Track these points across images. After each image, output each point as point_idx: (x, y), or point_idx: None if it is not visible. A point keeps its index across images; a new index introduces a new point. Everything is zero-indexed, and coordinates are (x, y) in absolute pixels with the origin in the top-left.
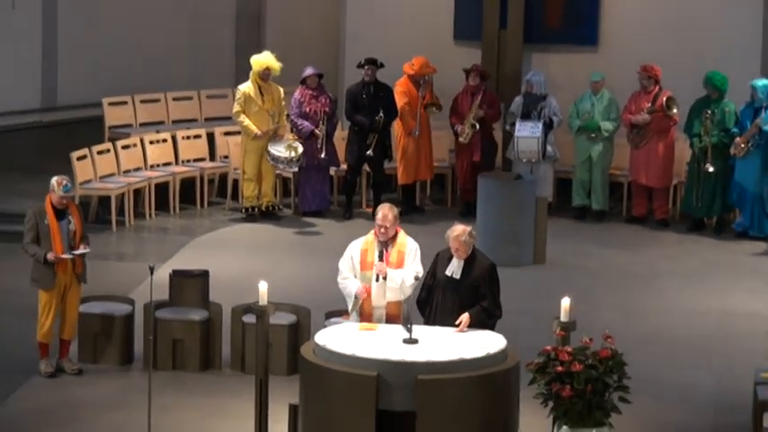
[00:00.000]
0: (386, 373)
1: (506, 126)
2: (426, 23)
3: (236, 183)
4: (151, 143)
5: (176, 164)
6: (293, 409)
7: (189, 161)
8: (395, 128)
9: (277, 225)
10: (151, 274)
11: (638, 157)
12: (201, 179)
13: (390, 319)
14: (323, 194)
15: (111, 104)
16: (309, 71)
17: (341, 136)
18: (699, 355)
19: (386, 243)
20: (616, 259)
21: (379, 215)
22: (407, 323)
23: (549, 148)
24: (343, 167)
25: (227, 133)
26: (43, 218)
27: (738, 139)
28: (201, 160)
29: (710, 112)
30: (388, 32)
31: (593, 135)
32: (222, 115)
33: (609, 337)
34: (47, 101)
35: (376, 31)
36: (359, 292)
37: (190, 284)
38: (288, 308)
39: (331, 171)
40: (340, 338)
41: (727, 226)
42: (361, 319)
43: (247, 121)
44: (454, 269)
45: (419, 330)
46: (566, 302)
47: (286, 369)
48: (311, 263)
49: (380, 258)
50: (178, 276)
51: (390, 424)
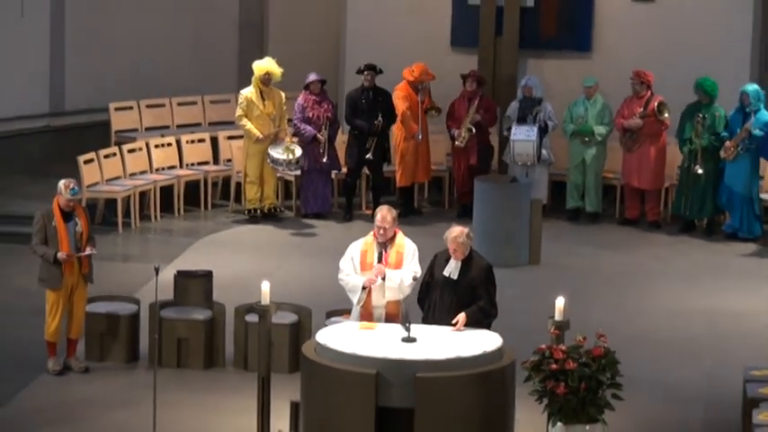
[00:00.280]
0: (385, 371)
1: (504, 131)
2: (424, 31)
3: (238, 185)
4: (156, 147)
5: (181, 167)
6: (294, 406)
7: (193, 164)
8: (394, 131)
9: (279, 227)
10: (156, 274)
11: (630, 161)
12: (205, 182)
13: (389, 319)
14: (324, 197)
15: (117, 109)
16: (313, 77)
17: (341, 140)
18: (689, 354)
19: (385, 244)
20: (609, 260)
21: (378, 217)
22: (406, 322)
23: (544, 151)
24: (344, 170)
25: (230, 137)
26: (51, 220)
27: (728, 143)
28: (205, 163)
29: (702, 116)
30: (387, 39)
31: (586, 139)
32: (225, 120)
33: (602, 336)
34: (55, 106)
35: (375, 37)
36: (366, 282)
37: (194, 285)
38: (289, 307)
39: (332, 174)
40: (340, 337)
41: (718, 228)
42: (361, 319)
43: (249, 125)
44: (452, 270)
45: (417, 329)
46: (560, 302)
47: (288, 367)
48: (312, 263)
49: (379, 260)
50: (182, 277)
51: (389, 420)
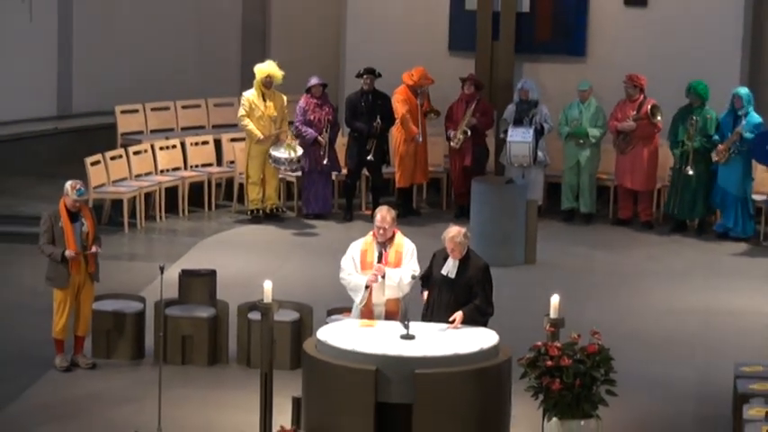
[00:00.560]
0: (384, 368)
1: (500, 134)
2: (423, 35)
3: (241, 186)
4: (161, 149)
5: (185, 169)
6: (296, 402)
7: (197, 166)
8: (393, 134)
9: (281, 227)
10: (161, 273)
11: (623, 163)
12: (209, 183)
13: (389, 316)
14: (325, 198)
15: (123, 112)
16: (314, 81)
17: (341, 142)
18: (681, 351)
19: (384, 243)
20: (603, 259)
21: (378, 217)
22: (405, 320)
23: (540, 153)
24: (344, 172)
25: (233, 139)
26: (57, 220)
27: (720, 146)
28: (209, 165)
29: (694, 119)
30: (386, 44)
31: (581, 141)
32: (229, 122)
33: (596, 333)
34: (62, 109)
35: (375, 42)
36: (369, 280)
37: (198, 283)
38: (291, 305)
39: (332, 175)
40: (341, 334)
41: (709, 228)
42: (362, 316)
43: (251, 125)
44: (449, 269)
45: (416, 327)
46: (555, 300)
47: (289, 364)
48: (313, 262)
49: (379, 259)
50: (187, 275)
51: (389, 416)
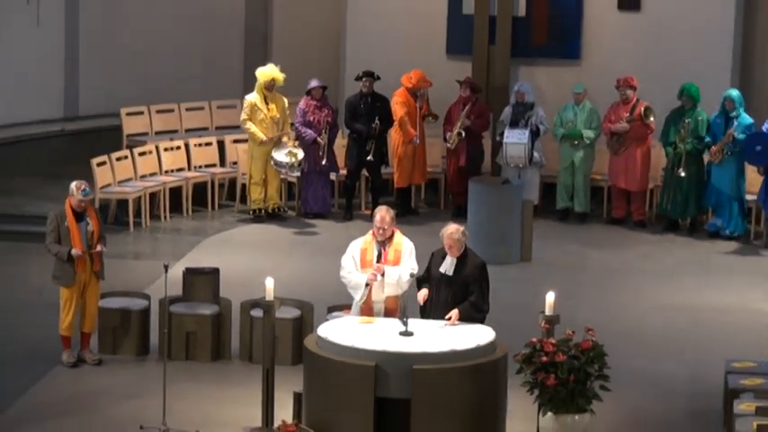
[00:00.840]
0: (383, 364)
1: (497, 136)
2: (421, 39)
3: (244, 187)
4: (166, 150)
5: (189, 169)
6: (297, 397)
7: (201, 167)
8: (391, 135)
9: (282, 226)
10: (166, 271)
11: (617, 163)
12: (212, 183)
13: (388, 313)
14: (324, 198)
15: (128, 114)
16: (314, 83)
17: (341, 143)
18: (674, 347)
19: (383, 242)
20: (597, 258)
21: (377, 217)
22: (404, 317)
23: (536, 154)
24: (343, 172)
25: (236, 141)
26: (63, 220)
27: (714, 148)
28: (212, 166)
29: (686, 121)
30: (385, 48)
31: (575, 142)
32: (232, 124)
33: (590, 330)
34: (69, 111)
35: (374, 46)
36: (369, 279)
37: (201, 281)
38: (292, 303)
39: (332, 176)
40: (341, 331)
41: (700, 227)
42: (361, 314)
43: (254, 128)
44: (447, 267)
45: (414, 324)
46: (550, 298)
47: (291, 360)
48: (314, 261)
49: (378, 258)
50: (191, 274)
51: (388, 410)
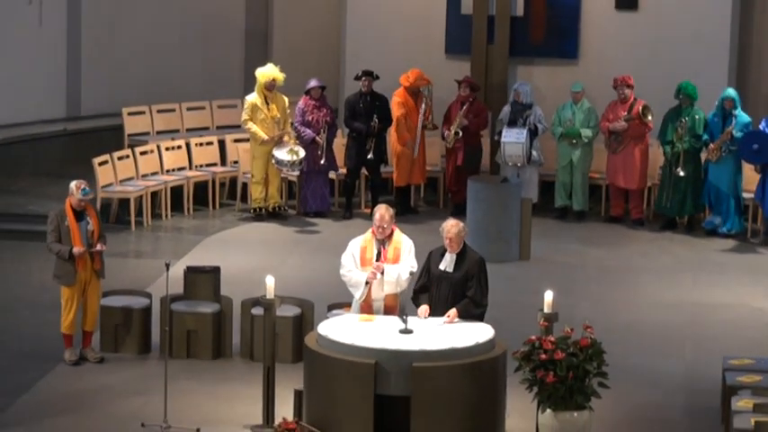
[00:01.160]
0: (383, 361)
1: (495, 135)
2: (420, 39)
3: (244, 186)
4: (167, 149)
5: (190, 168)
6: (298, 394)
7: (202, 166)
8: (391, 134)
9: (283, 224)
10: (167, 270)
11: (615, 162)
12: (213, 182)
13: (388, 311)
14: (323, 196)
15: (130, 114)
16: (313, 83)
17: (341, 142)
18: (671, 344)
19: (383, 241)
20: (595, 256)
21: (377, 216)
22: (403, 315)
23: (534, 153)
24: (343, 171)
25: (236, 140)
26: (64, 220)
27: (712, 146)
28: (213, 165)
29: (683, 120)
30: (384, 48)
31: (573, 141)
32: (232, 124)
33: (588, 328)
34: (71, 111)
35: (374, 46)
36: (369, 277)
37: (202, 279)
38: (293, 301)
39: (332, 175)
40: (341, 329)
41: (698, 225)
42: (361, 311)
43: (255, 128)
44: (447, 263)
45: (414, 321)
46: (549, 296)
47: (291, 357)
48: (314, 259)
49: (378, 256)
50: (192, 272)
51: (387, 407)
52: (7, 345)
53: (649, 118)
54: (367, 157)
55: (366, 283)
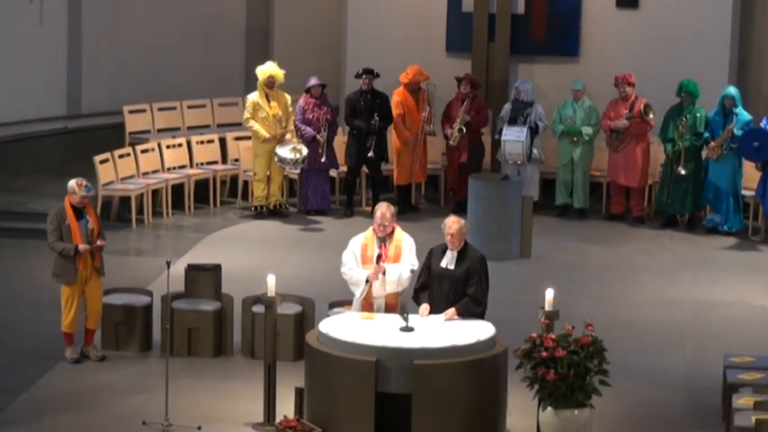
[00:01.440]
0: (384, 359)
1: (495, 134)
2: (420, 37)
3: (245, 184)
4: (168, 147)
5: (191, 166)
6: (299, 392)
7: (202, 164)
8: (391, 132)
9: (284, 222)
10: (168, 268)
11: (617, 160)
12: (214, 180)
13: (389, 309)
14: (324, 194)
15: (131, 112)
16: (313, 81)
17: (341, 140)
18: (672, 342)
19: (384, 238)
20: (596, 253)
21: (378, 214)
22: (404, 312)
23: (535, 151)
24: (343, 169)
25: (237, 138)
26: (64, 219)
27: (713, 144)
28: (214, 163)
29: (684, 118)
30: (385, 46)
31: (574, 139)
32: (233, 121)
33: (589, 326)
34: (72, 109)
35: (374, 43)
36: (370, 276)
37: (204, 277)
38: (294, 299)
39: (333, 173)
40: (342, 327)
41: (699, 223)
42: (362, 309)
43: (257, 126)
44: (448, 261)
45: (415, 319)
46: (549, 293)
47: (292, 355)
48: (315, 257)
49: (377, 261)
50: (193, 270)
51: (388, 405)
52: (7, 343)
53: (651, 116)
54: (368, 154)
55: (366, 281)
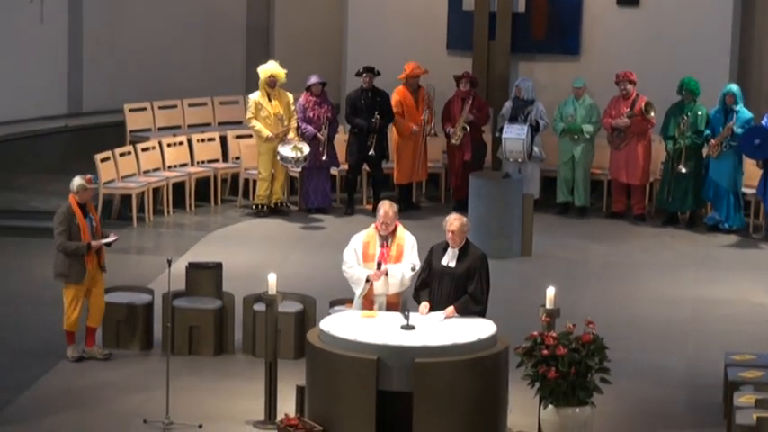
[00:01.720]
0: (385, 357)
1: (496, 132)
2: (421, 35)
3: (246, 182)
4: (169, 146)
5: (192, 165)
6: (300, 390)
7: (203, 162)
8: (392, 130)
9: (285, 221)
10: (169, 266)
11: (618, 158)
12: (215, 179)
13: (390, 307)
14: (324, 192)
15: (131, 110)
16: (314, 79)
17: (342, 138)
18: (673, 340)
19: (386, 237)
20: (597, 251)
21: (381, 212)
22: (405, 311)
23: (535, 149)
24: (344, 167)
25: (238, 136)
26: (74, 218)
27: (713, 141)
28: (215, 161)
29: (685, 116)
30: (386, 44)
31: (575, 137)
32: (234, 120)
33: (590, 323)
34: (73, 107)
35: (375, 42)
36: (372, 277)
37: (205, 276)
38: (295, 297)
39: (333, 171)
40: (343, 325)
41: (699, 220)
42: (363, 307)
43: (259, 125)
44: (449, 258)
45: (416, 317)
46: (550, 291)
47: (293, 353)
48: (316, 255)
49: (378, 267)
50: (194, 268)
51: (389, 403)
52: (9, 341)
53: (652, 114)
54: (368, 153)
55: (367, 280)
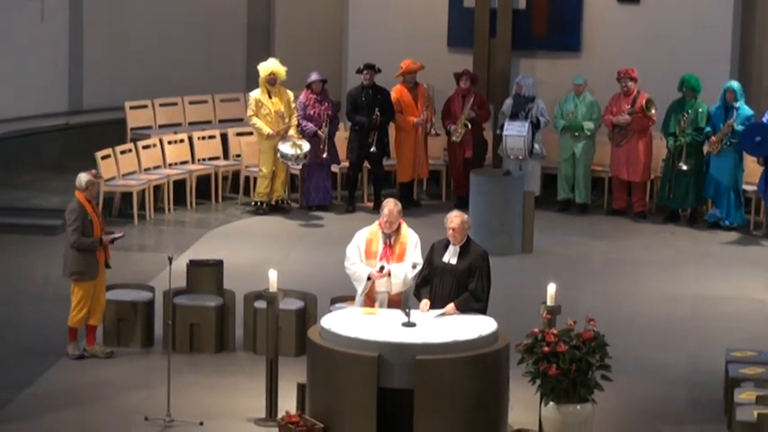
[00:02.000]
0: (386, 354)
1: (497, 130)
2: (422, 32)
3: (247, 179)
4: (169, 143)
5: (193, 162)
6: (301, 388)
7: (204, 160)
8: (393, 127)
9: (286, 218)
10: (170, 263)
11: (619, 155)
12: (216, 176)
13: (392, 305)
14: (325, 190)
15: (132, 108)
16: (314, 77)
17: (343, 136)
18: (674, 337)
19: (390, 235)
20: (597, 248)
21: (386, 210)
22: (406, 308)
23: (536, 146)
24: (345, 165)
25: (239, 134)
26: (86, 214)
27: (713, 138)
28: (216, 159)
29: (686, 114)
30: (387, 41)
31: (576, 134)
32: (235, 117)
33: (591, 320)
34: (74, 105)
35: (376, 39)
36: (372, 274)
37: (205, 273)
38: (296, 294)
39: (334, 168)
40: (344, 322)
41: (700, 217)
42: (365, 304)
43: (259, 123)
44: (450, 255)
45: (417, 314)
46: (551, 288)
47: (294, 351)
48: (317, 253)
49: (380, 270)
50: (195, 266)
51: (390, 400)
52: (9, 339)
53: (653, 111)
54: (369, 150)
55: (368, 279)
